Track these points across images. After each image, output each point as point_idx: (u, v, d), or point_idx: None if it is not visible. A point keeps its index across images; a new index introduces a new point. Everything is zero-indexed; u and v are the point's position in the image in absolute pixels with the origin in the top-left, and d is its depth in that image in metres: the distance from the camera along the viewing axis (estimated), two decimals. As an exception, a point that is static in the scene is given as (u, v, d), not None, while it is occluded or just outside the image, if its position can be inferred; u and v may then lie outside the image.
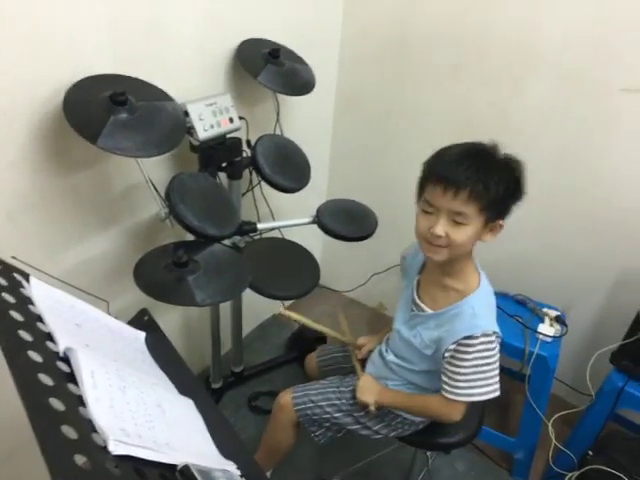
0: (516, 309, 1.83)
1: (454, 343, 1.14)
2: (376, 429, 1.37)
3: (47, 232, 1.34)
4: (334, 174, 2.39)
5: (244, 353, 2.14)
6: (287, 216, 1.86)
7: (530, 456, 1.81)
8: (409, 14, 1.92)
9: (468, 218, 1.07)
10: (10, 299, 0.81)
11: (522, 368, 1.69)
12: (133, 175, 1.42)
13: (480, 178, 1.04)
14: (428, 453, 1.56)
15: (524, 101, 1.82)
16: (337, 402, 1.37)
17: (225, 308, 1.90)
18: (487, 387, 1.15)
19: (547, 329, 1.71)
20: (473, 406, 1.47)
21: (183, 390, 0.99)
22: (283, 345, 2.28)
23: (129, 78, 1.30)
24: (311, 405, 1.38)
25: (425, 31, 1.91)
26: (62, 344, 0.78)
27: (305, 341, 2.13)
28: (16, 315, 0.78)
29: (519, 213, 1.92)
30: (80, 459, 0.60)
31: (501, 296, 1.89)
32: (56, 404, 0.66)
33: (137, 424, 0.76)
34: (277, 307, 2.36)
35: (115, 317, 1.09)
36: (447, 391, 1.17)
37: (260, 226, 1.71)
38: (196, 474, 0.73)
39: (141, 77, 1.33)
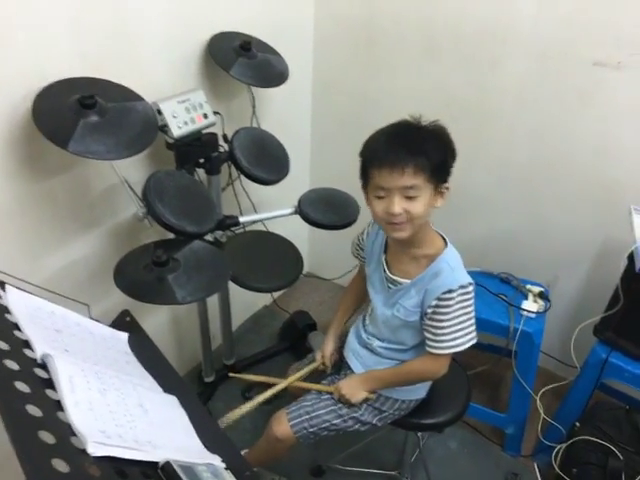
0: (500, 287, 1.85)
1: (435, 299, 1.18)
2: (374, 422, 1.37)
3: (26, 239, 1.34)
4: (316, 163, 2.40)
5: (237, 345, 2.17)
6: (271, 208, 1.87)
7: (521, 431, 1.85)
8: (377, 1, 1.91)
9: (419, 189, 1.11)
10: (-15, 310, 0.82)
11: (507, 344, 1.71)
12: (110, 176, 1.42)
13: (420, 151, 1.08)
14: (419, 434, 1.58)
15: (501, 79, 1.82)
16: (334, 407, 1.36)
17: (213, 302, 1.92)
18: (468, 336, 1.21)
19: (531, 305, 1.73)
20: (459, 384, 1.50)
21: (167, 388, 1.01)
22: (276, 335, 2.29)
23: (98, 80, 1.30)
24: (307, 417, 1.35)
25: (396, 12, 1.90)
26: (39, 351, 0.80)
27: (296, 329, 2.15)
28: (-9, 325, 0.79)
29: (501, 190, 1.99)
30: (58, 463, 0.62)
31: (486, 275, 1.91)
32: (33, 410, 0.67)
33: (118, 425, 0.78)
34: (268, 298, 2.40)
35: (97, 320, 1.10)
36: (432, 347, 1.22)
37: (242, 219, 1.71)
38: (178, 470, 0.75)
39: (111, 77, 1.33)
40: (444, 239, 1.26)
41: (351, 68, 2.10)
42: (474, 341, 1.22)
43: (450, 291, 1.16)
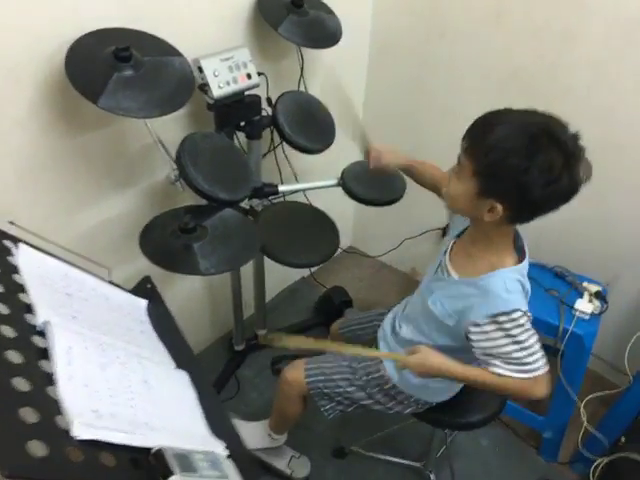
0: (553, 282, 1.71)
1: (488, 318, 1.04)
2: (389, 405, 1.32)
3: (60, 194, 1.32)
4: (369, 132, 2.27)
5: (271, 315, 2.13)
6: (315, 178, 1.79)
7: (560, 436, 1.73)
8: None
9: (463, 171, 0.99)
10: (-9, 268, 0.79)
11: (555, 344, 1.58)
12: (147, 135, 1.36)
13: (487, 138, 0.94)
14: (446, 430, 1.50)
15: (575, 51, 1.64)
16: (350, 376, 1.33)
17: (248, 270, 1.87)
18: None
19: (585, 305, 1.58)
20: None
21: (179, 363, 0.97)
22: (311, 308, 2.24)
23: (136, 32, 1.23)
24: (322, 378, 1.34)
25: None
26: (41, 317, 0.76)
27: (332, 305, 2.09)
28: (-6, 286, 0.75)
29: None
30: (35, 446, 0.58)
31: (538, 267, 1.77)
32: (19, 383, 0.63)
33: (114, 403, 0.73)
34: (306, 270, 2.34)
35: (117, 284, 1.07)
36: (521, 371, 1.05)
37: (282, 188, 1.65)
38: (169, 459, 0.70)
39: (150, 29, 1.26)
40: (521, 259, 1.12)
41: (412, 31, 1.94)
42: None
43: (507, 313, 1.02)
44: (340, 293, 2.12)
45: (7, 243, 0.87)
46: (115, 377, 0.77)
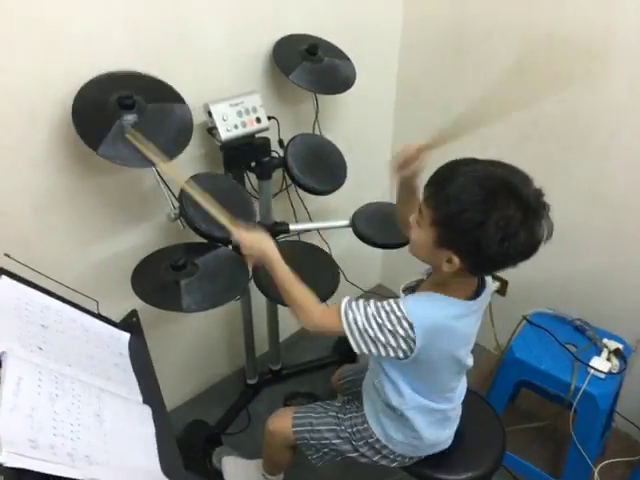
0: (571, 336, 1.63)
1: None
2: (375, 459, 1.29)
3: (72, 227, 1.41)
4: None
5: (289, 351, 2.15)
6: (330, 218, 1.81)
7: (577, 501, 1.62)
8: (470, 2, 1.75)
9: (423, 219, 0.99)
10: (-33, 299, 0.86)
11: (567, 403, 1.50)
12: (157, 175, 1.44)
13: (447, 188, 0.92)
14: None
15: (597, 98, 1.58)
16: (336, 427, 1.31)
17: (264, 307, 1.90)
18: (362, 338, 1.02)
19: (601, 364, 1.49)
20: (492, 438, 1.35)
21: (146, 398, 1.00)
22: (330, 347, 2.23)
23: (145, 77, 1.30)
24: (309, 428, 1.32)
25: (488, 21, 1.73)
26: (1, 347, 0.81)
27: (348, 345, 2.07)
28: (-37, 316, 0.82)
29: (587, 224, 1.74)
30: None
31: (557, 319, 1.70)
32: (-42, 411, 0.68)
33: (56, 434, 0.77)
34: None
35: (105, 317, 1.13)
36: (342, 302, 1.05)
37: (292, 227, 1.68)
38: (98, 494, 0.73)
39: (164, 74, 1.34)
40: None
41: (436, 77, 1.95)
42: (359, 348, 1.02)
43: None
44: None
45: (-9, 275, 0.95)
46: (65, 409, 0.82)
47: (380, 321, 0.99)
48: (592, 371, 1.48)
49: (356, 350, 1.03)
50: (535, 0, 1.61)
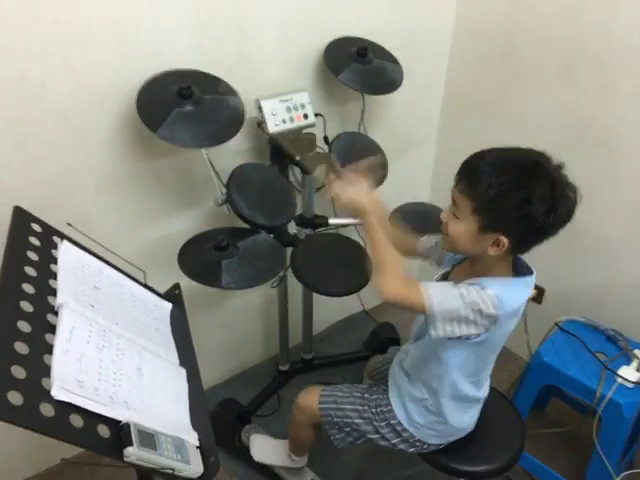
0: (603, 345, 1.63)
1: None
2: (394, 442, 1.34)
3: (129, 208, 1.53)
4: (438, 180, 2.31)
5: (323, 343, 2.23)
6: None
7: (598, 510, 1.61)
8: (520, 12, 1.78)
9: (461, 212, 1.03)
10: (33, 257, 0.97)
11: (593, 411, 1.50)
12: (208, 163, 1.55)
13: (483, 175, 0.98)
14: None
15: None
16: (360, 408, 1.37)
17: (299, 299, 1.98)
18: (443, 318, 1.04)
19: (630, 373, 1.49)
20: (512, 433, 1.37)
21: (183, 362, 1.09)
22: (363, 342, 2.29)
23: (203, 74, 1.42)
24: (334, 406, 1.39)
25: (538, 28, 1.76)
26: (59, 299, 0.92)
27: (379, 342, 2.13)
28: (30, 271, 0.94)
29: (629, 236, 1.72)
30: (14, 396, 0.72)
31: (590, 328, 1.70)
32: (20, 347, 0.79)
33: (101, 380, 0.87)
34: (365, 304, 2.40)
35: (150, 287, 1.23)
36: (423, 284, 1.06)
37: (332, 221, 1.75)
38: (133, 433, 0.82)
39: (221, 72, 1.45)
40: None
41: (483, 83, 1.99)
42: (442, 330, 1.05)
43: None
44: (388, 329, 2.15)
45: (55, 239, 1.06)
46: (109, 359, 0.92)
47: (470, 300, 1.02)
48: (620, 380, 1.48)
49: (434, 335, 1.06)
50: (585, 13, 1.62)
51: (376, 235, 1.08)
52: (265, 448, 1.73)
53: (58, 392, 0.77)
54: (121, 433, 0.82)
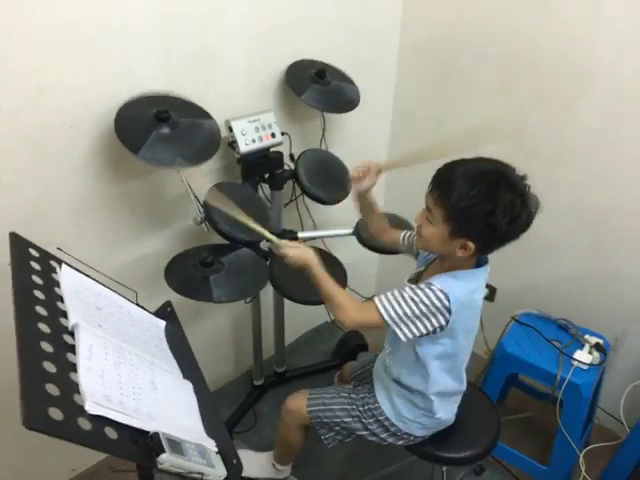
0: (556, 333, 1.79)
1: None
2: (383, 437, 1.41)
3: (104, 231, 1.54)
4: (391, 188, 2.44)
5: (292, 355, 2.28)
6: (335, 227, 1.96)
7: (564, 487, 1.75)
8: (460, 32, 1.95)
9: (434, 219, 1.14)
10: (38, 281, 0.98)
11: (554, 392, 1.64)
12: (181, 184, 1.58)
13: (455, 188, 1.08)
14: (444, 468, 1.56)
15: (576, 119, 1.78)
16: (347, 407, 1.44)
17: (271, 313, 2.03)
18: (404, 322, 1.16)
19: (584, 356, 1.65)
20: (488, 423, 1.48)
21: (187, 375, 1.12)
22: (330, 351, 2.36)
23: (176, 98, 1.47)
24: (323, 407, 1.45)
25: (477, 48, 1.93)
26: (72, 320, 0.94)
27: (348, 349, 2.21)
28: (38, 294, 0.94)
29: (570, 234, 1.91)
30: (54, 412, 0.74)
31: (543, 319, 1.86)
32: (48, 366, 0.81)
33: (123, 394, 0.89)
34: (328, 314, 2.47)
35: (142, 306, 1.25)
36: (374, 300, 1.19)
37: (301, 235, 1.83)
38: (164, 441, 0.85)
39: (190, 94, 1.50)
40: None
41: (429, 101, 2.14)
42: (407, 331, 1.16)
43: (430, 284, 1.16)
44: (355, 337, 2.23)
45: (53, 263, 1.07)
46: (126, 374, 0.94)
47: (417, 299, 1.14)
48: (575, 363, 1.63)
49: (403, 338, 1.17)
50: (519, 33, 1.80)
51: (320, 278, 1.24)
52: (248, 462, 1.75)
53: (91, 407, 0.79)
54: (150, 442, 0.85)
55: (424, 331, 1.17)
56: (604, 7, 1.61)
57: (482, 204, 1.07)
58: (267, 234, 1.34)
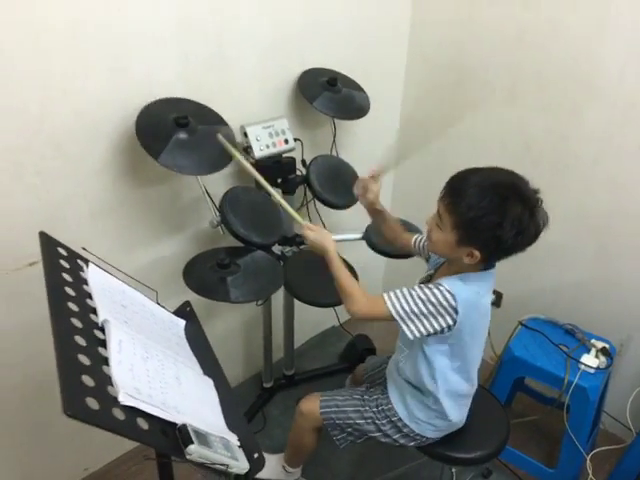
0: (563, 338, 1.82)
1: None
2: (395, 437, 1.43)
3: (122, 233, 1.58)
4: (398, 194, 2.48)
5: (300, 359, 2.30)
6: (345, 232, 1.99)
7: (570, 489, 1.77)
8: (467, 41, 1.99)
9: (444, 225, 1.17)
10: (68, 278, 1.01)
11: (560, 397, 1.67)
12: (197, 188, 1.61)
13: (466, 197, 1.12)
14: (453, 469, 1.59)
15: (582, 127, 1.82)
16: (361, 409, 1.46)
17: (280, 317, 2.06)
18: (410, 319, 1.20)
19: (591, 360, 1.68)
20: (498, 424, 1.50)
21: (207, 372, 1.15)
22: (338, 355, 2.39)
23: (194, 103, 1.50)
24: (336, 409, 1.47)
25: (485, 57, 1.97)
26: (102, 316, 0.97)
27: (355, 352, 2.23)
28: (69, 291, 0.98)
29: (576, 239, 1.94)
30: (91, 402, 0.77)
31: (550, 324, 1.89)
32: (83, 359, 0.84)
33: (151, 387, 0.92)
34: (339, 317, 2.50)
35: (162, 305, 1.28)
36: (383, 295, 1.23)
37: (312, 239, 1.86)
38: (192, 433, 0.87)
39: (206, 100, 1.54)
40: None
41: (437, 108, 2.18)
42: (414, 328, 1.20)
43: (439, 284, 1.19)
44: (364, 341, 2.26)
45: (80, 262, 1.10)
46: (153, 369, 0.97)
47: (425, 297, 1.18)
48: (583, 367, 1.66)
49: (410, 335, 1.20)
50: (526, 41, 1.85)
51: (336, 266, 1.30)
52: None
53: (125, 398, 0.82)
54: (178, 434, 0.88)
55: (431, 330, 1.20)
56: (610, 16, 1.65)
57: (490, 216, 1.10)
58: (292, 212, 1.41)
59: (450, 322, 1.20)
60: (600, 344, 1.73)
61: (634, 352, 1.91)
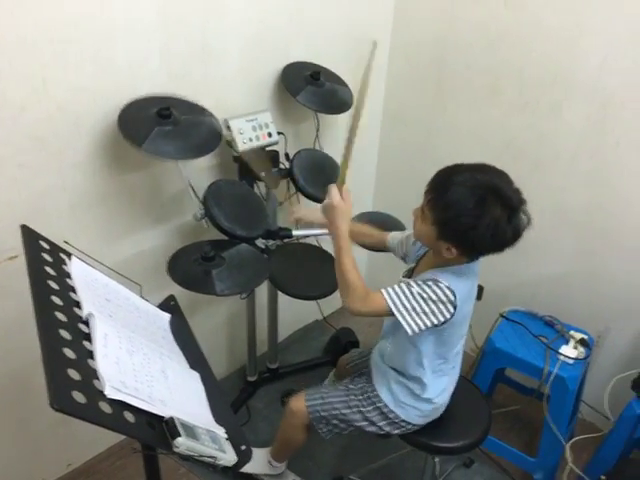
0: (542, 329, 1.85)
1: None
2: (381, 425, 1.45)
3: (103, 225, 1.56)
4: (379, 189, 2.50)
5: (284, 352, 2.31)
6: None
7: (550, 478, 1.81)
8: (450, 38, 2.01)
9: (426, 218, 1.18)
10: (51, 272, 1.00)
11: (540, 387, 1.70)
12: (180, 180, 1.60)
13: (446, 196, 1.13)
14: (436, 459, 1.61)
15: (560, 124, 1.85)
16: (345, 398, 1.47)
17: (264, 311, 2.06)
18: (411, 316, 1.20)
19: (569, 351, 1.71)
20: (479, 415, 1.53)
21: (193, 366, 1.15)
22: (321, 348, 2.40)
23: (177, 99, 1.49)
24: (321, 401, 1.48)
25: (466, 56, 1.99)
26: (86, 310, 0.96)
27: (339, 345, 2.24)
28: (53, 284, 0.97)
29: (555, 234, 1.98)
30: (77, 395, 0.76)
31: (529, 316, 1.92)
32: (69, 353, 0.83)
33: (137, 381, 0.92)
34: (320, 312, 2.51)
35: (146, 299, 1.27)
36: (382, 291, 1.22)
37: (295, 232, 1.86)
38: (178, 426, 0.87)
39: (190, 94, 1.53)
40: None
41: (419, 105, 2.20)
42: (414, 325, 1.20)
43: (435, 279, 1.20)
44: (347, 334, 2.27)
45: (62, 255, 1.09)
46: (139, 363, 0.96)
47: (426, 295, 1.19)
48: (562, 357, 1.69)
49: (409, 331, 1.21)
50: (507, 39, 1.87)
51: (343, 249, 1.23)
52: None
53: (111, 392, 0.82)
54: (165, 427, 0.87)
55: (429, 325, 1.22)
56: (588, 15, 1.67)
57: (466, 217, 1.11)
58: (344, 169, 1.33)
59: (448, 316, 1.22)
60: (578, 335, 1.77)
61: (611, 343, 1.95)
